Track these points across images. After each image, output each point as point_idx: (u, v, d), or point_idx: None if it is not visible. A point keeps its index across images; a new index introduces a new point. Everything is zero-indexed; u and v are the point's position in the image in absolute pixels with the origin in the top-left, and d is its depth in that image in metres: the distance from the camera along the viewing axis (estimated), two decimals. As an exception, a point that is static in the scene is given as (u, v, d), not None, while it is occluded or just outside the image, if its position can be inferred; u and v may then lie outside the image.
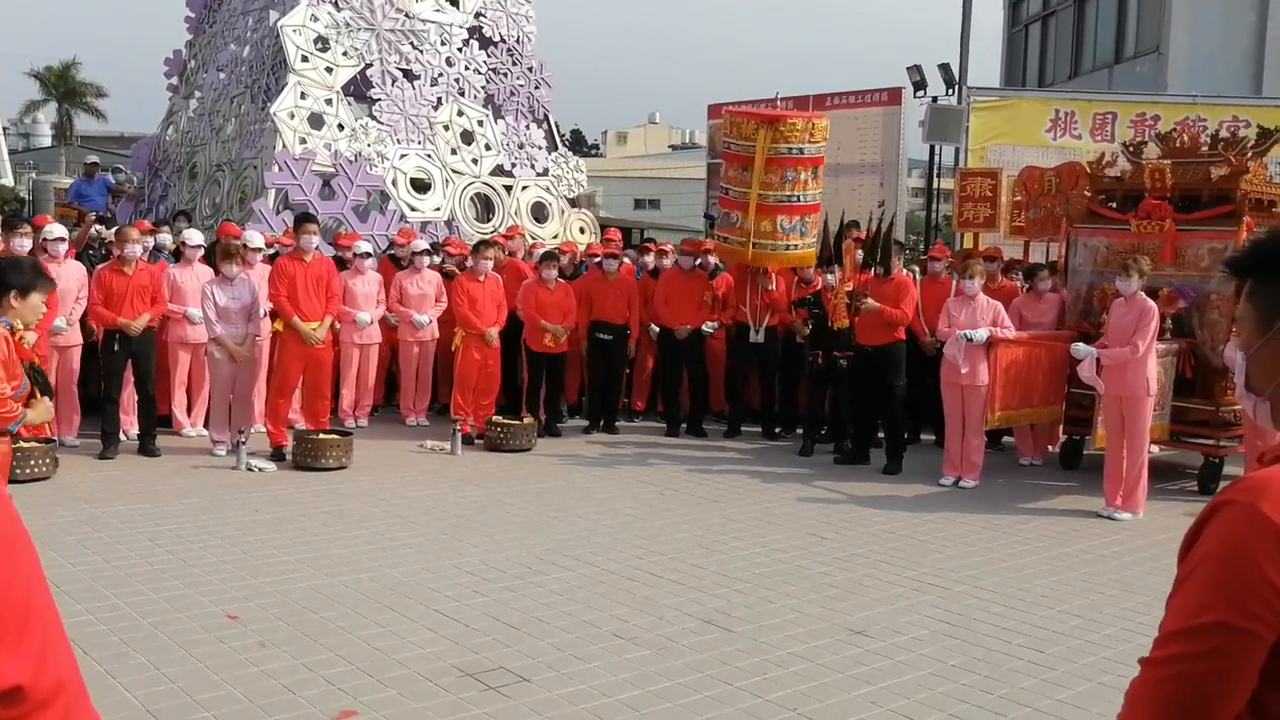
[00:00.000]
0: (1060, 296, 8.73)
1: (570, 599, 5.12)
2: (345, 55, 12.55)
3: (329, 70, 12.39)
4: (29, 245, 7.76)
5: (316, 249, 8.54)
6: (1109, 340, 7.29)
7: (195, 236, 9.13)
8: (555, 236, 12.99)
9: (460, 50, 13.32)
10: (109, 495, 6.78)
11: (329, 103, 12.29)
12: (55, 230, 8.27)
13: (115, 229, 9.49)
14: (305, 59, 12.24)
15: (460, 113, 13.16)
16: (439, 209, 12.66)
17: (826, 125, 9.52)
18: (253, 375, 8.45)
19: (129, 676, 4.04)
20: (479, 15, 13.59)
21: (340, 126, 12.29)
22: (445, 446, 8.66)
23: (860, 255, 8.88)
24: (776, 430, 9.81)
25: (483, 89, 13.51)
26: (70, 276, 8.14)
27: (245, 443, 7.83)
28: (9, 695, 0.96)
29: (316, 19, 12.41)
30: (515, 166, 13.47)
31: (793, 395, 9.82)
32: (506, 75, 13.79)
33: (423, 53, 13.02)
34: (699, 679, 4.21)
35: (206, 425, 8.62)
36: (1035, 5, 21.78)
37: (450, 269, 9.98)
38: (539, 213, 13.53)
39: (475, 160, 13.15)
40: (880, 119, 14.81)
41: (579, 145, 48.25)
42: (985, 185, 11.11)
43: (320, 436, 7.97)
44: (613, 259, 9.82)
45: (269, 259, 9.07)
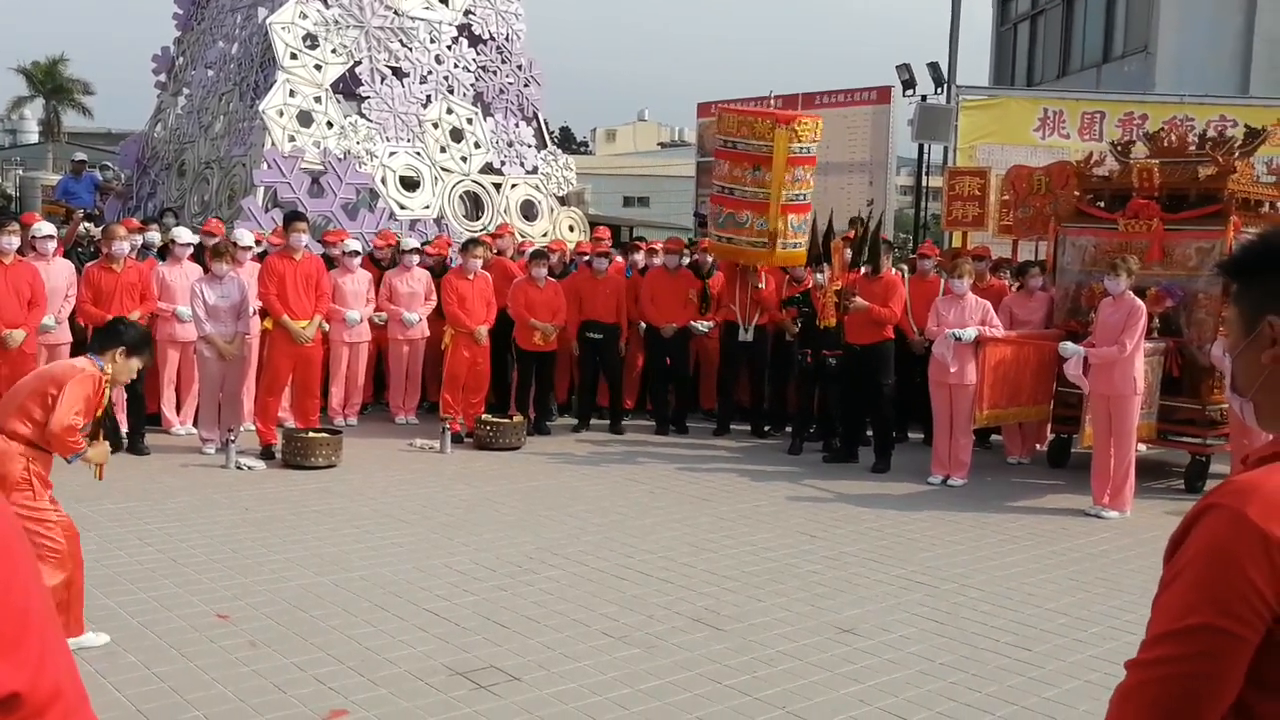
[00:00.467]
0: (1050, 294, 8.78)
1: (560, 598, 5.12)
2: (334, 53, 12.51)
3: (318, 68, 12.35)
4: (16, 243, 7.72)
5: (306, 247, 8.53)
6: (1097, 339, 7.33)
7: (184, 234, 9.09)
8: (545, 234, 12.98)
9: (449, 48, 13.29)
10: (97, 494, 6.74)
11: (318, 100, 12.26)
12: (44, 228, 8.24)
13: (103, 226, 9.45)
14: (294, 56, 12.20)
15: (449, 110, 13.14)
16: (428, 207, 12.64)
17: (821, 125, 9.61)
18: (242, 374, 8.43)
19: (119, 676, 4.04)
20: (468, 13, 13.57)
21: (329, 124, 12.26)
22: (435, 445, 8.66)
23: (849, 254, 8.90)
24: (766, 429, 9.83)
25: (472, 87, 13.48)
26: (59, 275, 8.11)
27: (235, 441, 7.81)
28: (7, 701, 0.95)
29: (305, 16, 12.37)
30: (504, 164, 13.46)
31: (782, 394, 9.84)
32: (496, 73, 13.77)
33: (412, 50, 12.99)
34: (688, 677, 4.23)
35: (196, 424, 8.60)
36: (1024, 4, 21.85)
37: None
38: (528, 211, 13.52)
39: (464, 158, 13.13)
40: (869, 117, 14.83)
41: (568, 143, 48.21)
42: (974, 184, 11.17)
43: (310, 435, 7.96)
44: (602, 257, 9.83)
45: (258, 257, 9.05)
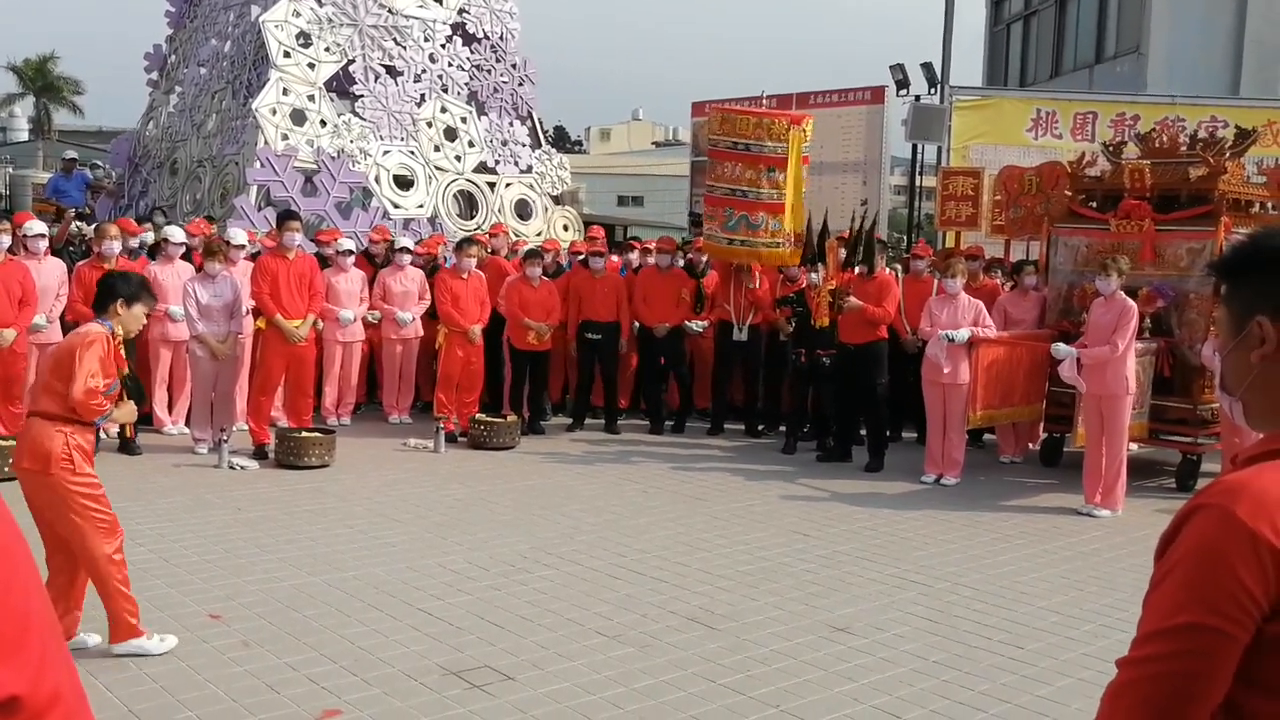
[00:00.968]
0: (1043, 294, 8.80)
1: (554, 597, 5.12)
2: (328, 51, 12.49)
3: (311, 66, 12.33)
4: (7, 242, 7.70)
5: (299, 246, 8.51)
6: (1089, 339, 7.36)
7: (176, 233, 9.07)
8: (539, 234, 12.98)
9: (444, 47, 13.28)
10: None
11: (311, 99, 12.23)
12: (35, 227, 8.20)
13: (94, 225, 9.42)
14: (287, 55, 12.18)
15: (443, 109, 13.12)
16: (422, 206, 12.63)
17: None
18: (234, 373, 8.41)
19: (111, 676, 4.03)
20: (462, 11, 13.55)
21: (323, 123, 12.24)
22: (428, 444, 8.65)
23: (843, 253, 8.92)
24: (760, 428, 9.84)
25: (466, 85, 13.47)
26: (50, 274, 8.08)
27: (227, 441, 7.80)
28: (7, 705, 0.95)
29: (299, 14, 12.35)
30: (499, 163, 13.45)
31: (776, 393, 9.85)
32: (490, 72, 13.75)
33: (406, 49, 12.97)
34: (682, 676, 4.23)
35: (188, 423, 8.58)
36: (1017, 5, 21.90)
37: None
38: (522, 210, 13.52)
39: (458, 157, 13.12)
40: (863, 117, 14.86)
41: (562, 142, 48.14)
42: (967, 184, 11.17)
43: (303, 434, 7.95)
44: (597, 256, 9.82)
45: (251, 256, 9.03)
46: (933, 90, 15.79)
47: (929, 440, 8.26)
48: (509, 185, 13.46)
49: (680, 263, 10.03)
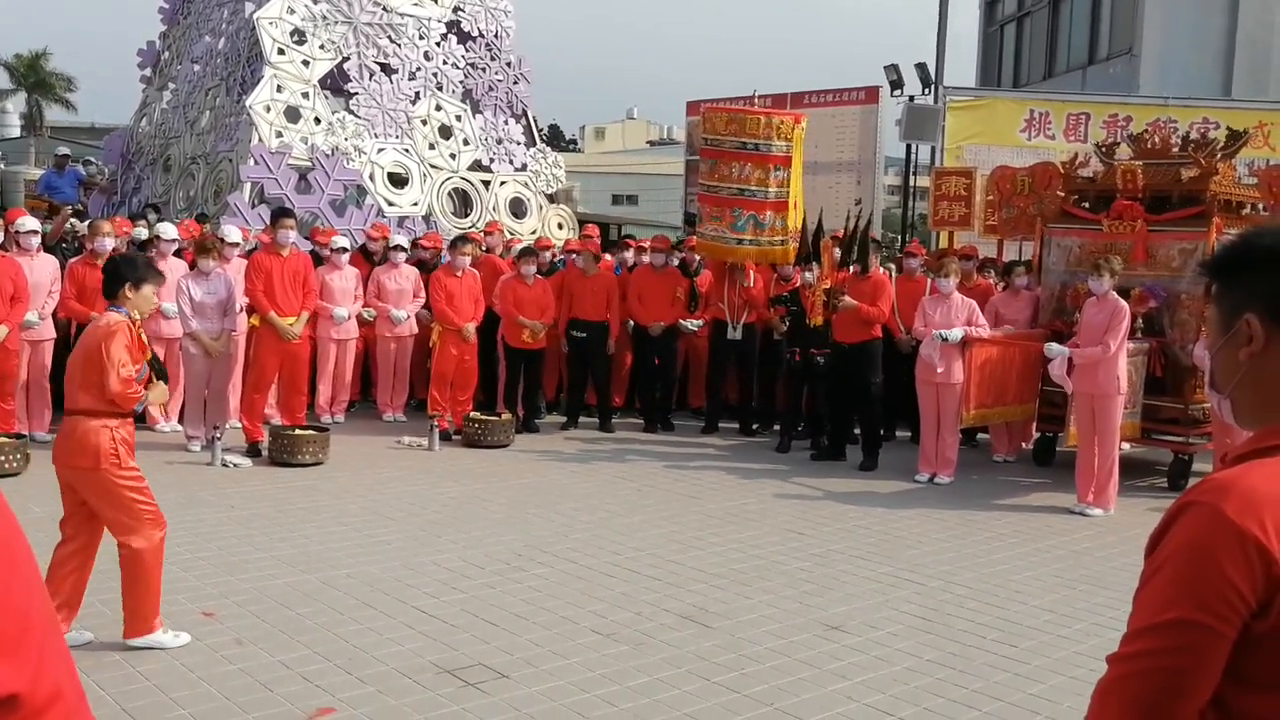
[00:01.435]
0: (1035, 294, 8.83)
1: (548, 595, 5.13)
2: (322, 48, 12.47)
3: (305, 63, 12.30)
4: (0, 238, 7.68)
5: (293, 244, 8.50)
6: (1081, 339, 7.38)
7: (169, 230, 9.05)
8: (533, 232, 12.97)
9: (438, 45, 13.27)
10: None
11: (305, 96, 12.21)
12: (28, 223, 8.18)
13: (87, 222, 9.40)
14: (281, 52, 12.15)
15: (438, 107, 13.11)
16: (417, 204, 12.62)
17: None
18: (228, 371, 8.39)
19: (104, 674, 4.02)
20: (457, 10, 13.54)
21: (317, 120, 12.22)
22: (422, 442, 8.65)
23: (838, 253, 8.93)
24: (754, 427, 9.85)
25: (461, 84, 13.46)
26: (42, 270, 8.06)
27: (221, 438, 7.78)
28: (6, 702, 0.95)
29: (293, 11, 12.33)
30: (493, 162, 13.44)
31: (770, 392, 9.87)
32: (485, 70, 13.74)
33: (400, 47, 12.96)
34: (676, 674, 4.24)
35: (181, 421, 8.56)
36: (1010, 6, 21.95)
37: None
38: (517, 208, 13.51)
39: (453, 155, 13.11)
40: (857, 117, 14.87)
41: (557, 140, 48.13)
42: (960, 184, 11.20)
43: (296, 432, 7.94)
44: (576, 255, 9.85)
45: (245, 253, 9.01)
46: (927, 91, 15.81)
47: (923, 439, 8.28)
48: (504, 183, 13.45)
49: (675, 261, 10.04)
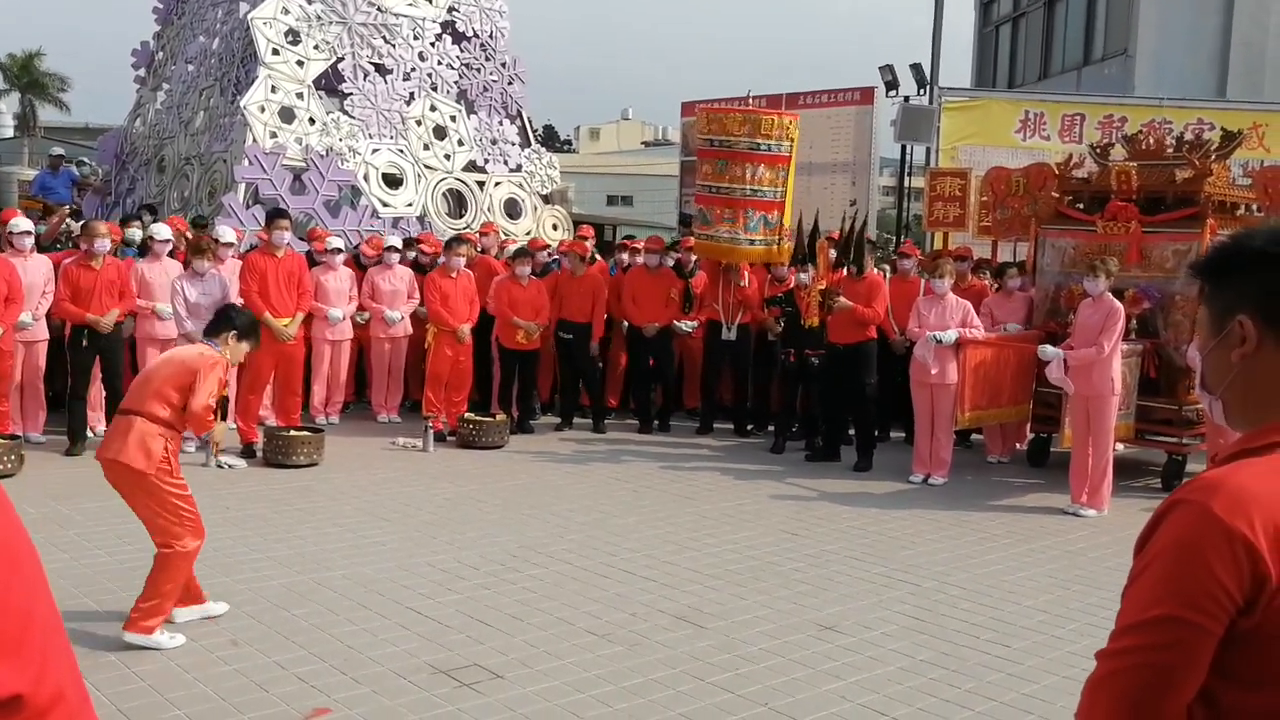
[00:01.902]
0: (1029, 295, 8.85)
1: (543, 596, 5.13)
2: (316, 49, 12.45)
3: (300, 64, 12.28)
4: (-6, 238, 7.66)
5: (288, 244, 8.49)
6: (1075, 340, 7.40)
7: (163, 231, 9.03)
8: (528, 233, 12.97)
9: (433, 45, 13.25)
10: (76, 492, 6.71)
11: (300, 96, 12.20)
12: (21, 224, 8.15)
13: (82, 223, 9.37)
14: (276, 52, 12.14)
15: (433, 108, 13.10)
16: (411, 204, 12.60)
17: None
18: (223, 371, 8.37)
19: (100, 675, 4.02)
20: (452, 10, 13.53)
21: (311, 121, 12.20)
22: (417, 443, 8.64)
23: (833, 254, 8.95)
24: (749, 427, 9.86)
25: (455, 84, 13.45)
26: (36, 271, 8.03)
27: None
28: (8, 704, 0.95)
29: (287, 11, 12.31)
30: (488, 162, 13.44)
31: (765, 393, 9.88)
32: (480, 70, 13.74)
33: (395, 47, 12.95)
34: (671, 675, 4.24)
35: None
36: (1005, 7, 22.00)
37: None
38: (512, 209, 13.51)
39: (448, 156, 13.09)
40: (852, 118, 14.89)
41: (552, 141, 48.17)
42: (955, 185, 11.22)
43: (291, 433, 7.93)
44: (565, 255, 9.86)
45: (240, 254, 9.00)
46: (921, 91, 15.85)
47: (917, 440, 8.30)
48: (498, 184, 13.44)
49: (669, 262, 10.05)
